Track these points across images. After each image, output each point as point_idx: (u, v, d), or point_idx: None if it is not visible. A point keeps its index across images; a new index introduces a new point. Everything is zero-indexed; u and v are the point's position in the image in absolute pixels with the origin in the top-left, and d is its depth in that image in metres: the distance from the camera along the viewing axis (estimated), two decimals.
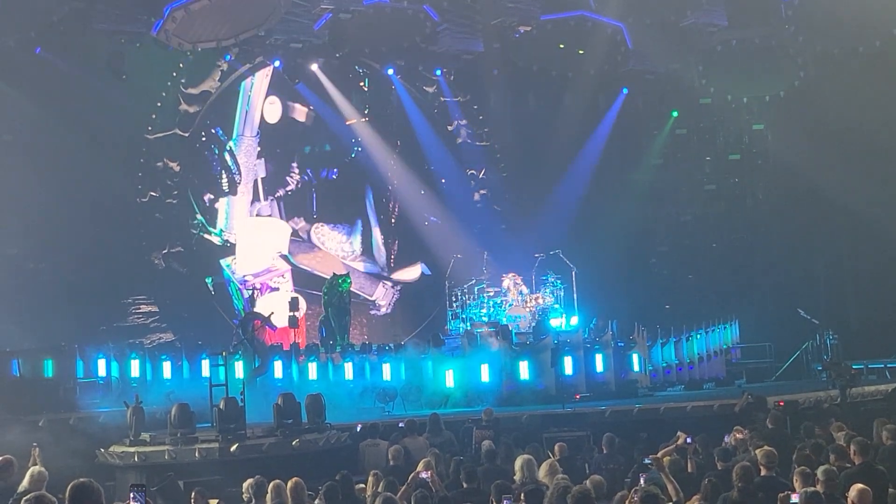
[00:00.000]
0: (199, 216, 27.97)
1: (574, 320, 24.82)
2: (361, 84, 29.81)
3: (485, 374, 22.06)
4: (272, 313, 23.33)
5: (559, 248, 25.75)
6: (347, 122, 29.55)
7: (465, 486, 11.30)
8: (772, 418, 14.74)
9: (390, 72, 29.19)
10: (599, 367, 22.65)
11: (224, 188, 28.58)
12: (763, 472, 10.42)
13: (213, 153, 28.39)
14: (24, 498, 6.30)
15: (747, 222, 30.33)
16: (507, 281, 25.57)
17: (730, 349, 26.31)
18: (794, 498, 9.01)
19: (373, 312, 30.22)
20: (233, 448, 15.56)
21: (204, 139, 28.19)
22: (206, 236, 28.22)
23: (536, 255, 26.00)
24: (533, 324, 24.54)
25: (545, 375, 22.03)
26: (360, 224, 30.65)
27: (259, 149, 29.11)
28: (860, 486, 9.07)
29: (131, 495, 6.30)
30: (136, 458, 15.50)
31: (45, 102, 24.58)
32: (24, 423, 17.71)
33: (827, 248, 29.35)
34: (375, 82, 29.86)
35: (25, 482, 10.96)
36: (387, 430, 16.50)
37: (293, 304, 23.97)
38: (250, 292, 27.51)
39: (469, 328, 24.54)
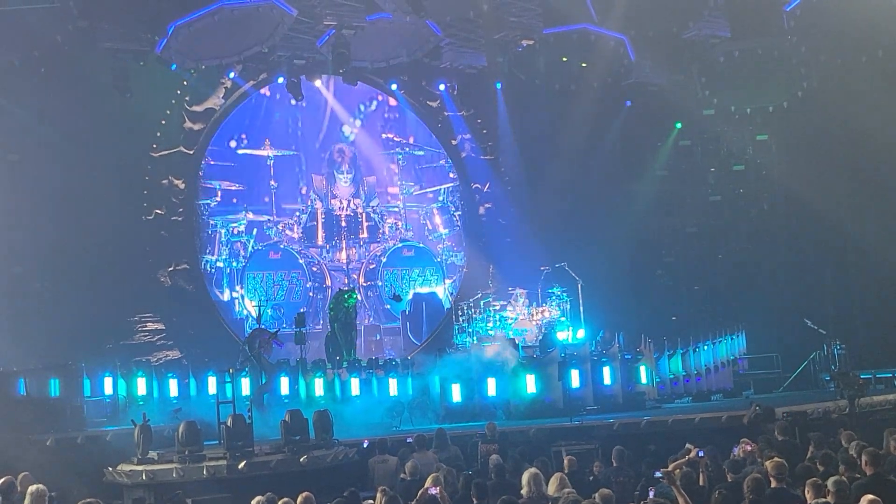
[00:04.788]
0: None
1: (580, 333, 24.77)
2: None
3: (491, 387, 22.03)
4: (278, 329, 23.36)
5: (565, 261, 25.73)
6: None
7: (475, 501, 11.26)
8: (780, 429, 14.71)
9: (394, 87, 29.28)
10: (607, 379, 22.59)
11: None
12: (773, 484, 10.37)
13: None
14: None
15: (752, 233, 30.26)
16: (518, 304, 25.51)
17: (737, 360, 26.23)
18: None
19: None
20: (241, 465, 15.54)
21: None
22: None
23: (542, 268, 25.97)
24: (539, 337, 24.50)
25: (552, 389, 21.99)
26: None
27: None
28: (870, 496, 9.03)
29: None
30: (143, 477, 15.47)
31: (50, 121, 24.67)
32: (31, 442, 17.73)
33: (833, 257, 29.28)
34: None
35: (27, 502, 10.91)
36: (395, 446, 16.48)
37: (299, 320, 23.96)
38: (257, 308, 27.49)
39: (476, 342, 24.54)
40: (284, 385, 22.18)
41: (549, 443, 17.38)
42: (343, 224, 30.32)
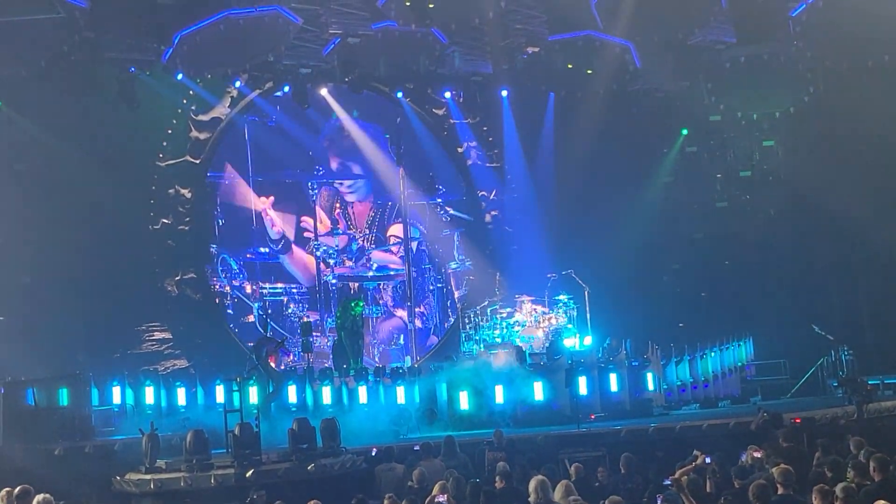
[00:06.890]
0: None
1: (588, 340, 24.74)
2: None
3: (499, 395, 22.01)
4: (285, 338, 23.38)
5: (571, 268, 25.71)
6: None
7: None
8: (786, 436, 14.68)
9: (399, 95, 29.30)
10: (614, 386, 22.56)
11: None
12: (780, 491, 10.35)
13: None
14: None
15: (759, 239, 30.19)
16: (525, 309, 25.53)
17: (744, 366, 26.18)
18: None
19: None
20: (248, 474, 15.55)
21: None
22: None
23: (549, 276, 25.97)
24: (546, 344, 24.49)
25: (560, 396, 21.98)
26: None
27: None
28: (880, 502, 9.02)
29: None
30: (152, 486, 15.51)
31: (57, 131, 24.73)
32: (40, 451, 17.76)
33: (840, 262, 29.21)
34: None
35: None
36: (402, 454, 16.48)
37: (305, 329, 23.98)
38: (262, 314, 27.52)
39: (483, 349, 24.54)
40: (292, 393, 22.20)
41: (556, 450, 17.37)
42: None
